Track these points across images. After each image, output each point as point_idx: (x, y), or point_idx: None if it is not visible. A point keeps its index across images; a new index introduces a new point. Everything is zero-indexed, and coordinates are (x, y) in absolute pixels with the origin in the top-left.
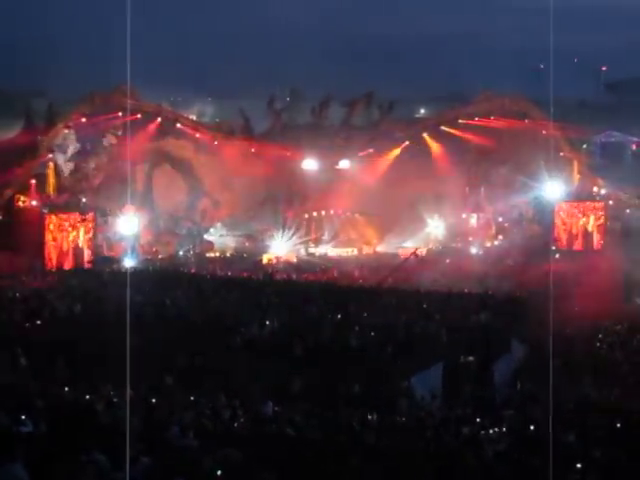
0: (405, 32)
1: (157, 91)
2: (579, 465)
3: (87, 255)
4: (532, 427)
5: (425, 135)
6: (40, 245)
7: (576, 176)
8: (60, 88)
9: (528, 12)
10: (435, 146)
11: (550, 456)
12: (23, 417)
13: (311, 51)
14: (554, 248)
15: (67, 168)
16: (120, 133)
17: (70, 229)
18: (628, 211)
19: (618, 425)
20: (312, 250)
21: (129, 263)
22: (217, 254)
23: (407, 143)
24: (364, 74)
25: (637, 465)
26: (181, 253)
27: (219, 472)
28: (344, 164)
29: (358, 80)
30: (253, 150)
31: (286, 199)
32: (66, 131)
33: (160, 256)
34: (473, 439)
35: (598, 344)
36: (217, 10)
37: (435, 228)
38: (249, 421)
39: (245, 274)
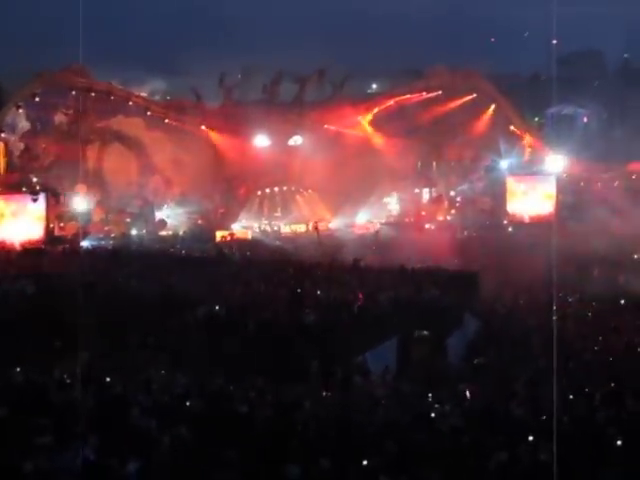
0: (356, 8)
1: (108, 70)
2: (531, 438)
3: (39, 235)
4: (485, 401)
5: (376, 110)
6: None
7: (527, 149)
8: (9, 67)
9: None
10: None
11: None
12: None
13: (264, 28)
14: (506, 222)
15: (17, 148)
16: (70, 112)
17: (21, 209)
18: (582, 184)
19: (571, 397)
20: (266, 227)
21: (81, 243)
22: (170, 232)
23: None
24: (316, 50)
25: (588, 439)
26: (134, 232)
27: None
28: (296, 140)
29: (310, 56)
30: (204, 127)
31: (238, 176)
32: (16, 110)
33: (113, 235)
34: (427, 414)
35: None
36: None
37: (389, 204)
38: (202, 399)
39: (198, 252)
